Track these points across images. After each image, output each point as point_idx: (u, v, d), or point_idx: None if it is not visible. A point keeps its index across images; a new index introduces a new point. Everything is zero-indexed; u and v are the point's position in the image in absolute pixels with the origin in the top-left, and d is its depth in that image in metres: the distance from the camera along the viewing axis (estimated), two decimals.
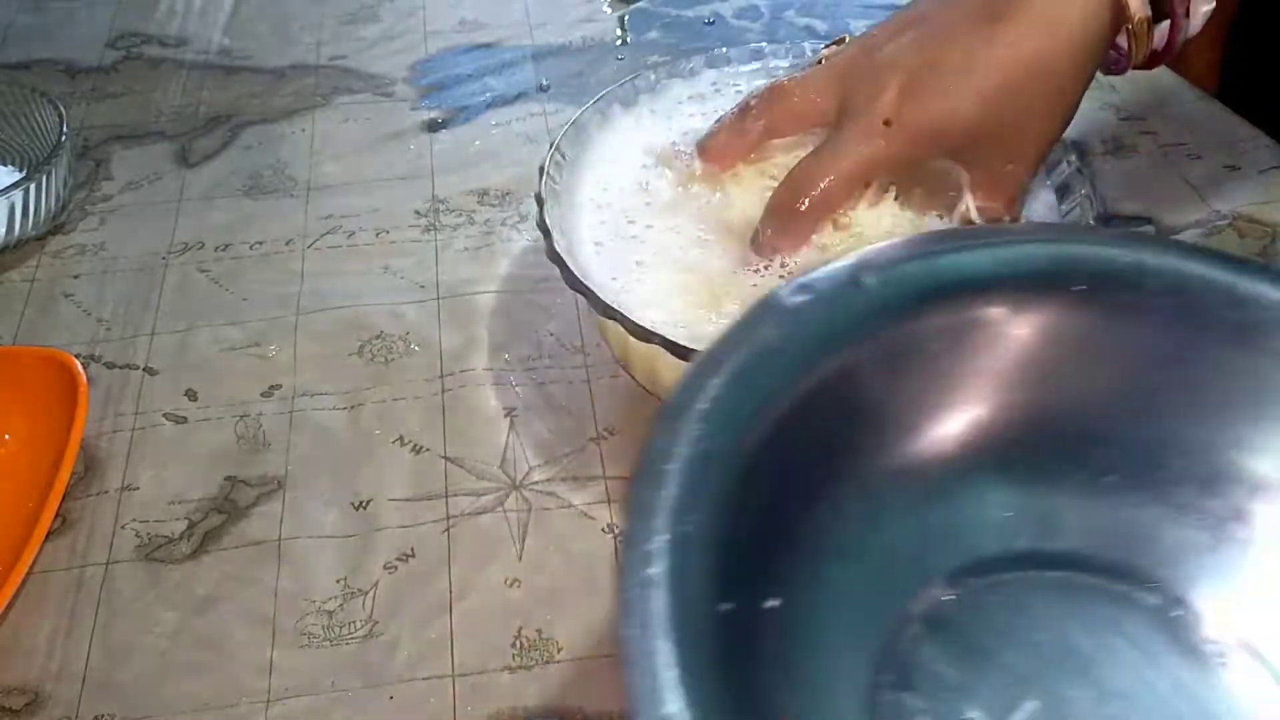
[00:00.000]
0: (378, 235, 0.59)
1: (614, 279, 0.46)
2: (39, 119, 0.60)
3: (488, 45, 0.73)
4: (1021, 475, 0.34)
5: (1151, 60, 0.44)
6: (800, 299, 0.30)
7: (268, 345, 0.53)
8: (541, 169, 0.47)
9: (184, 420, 0.50)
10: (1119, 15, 0.42)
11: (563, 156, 0.49)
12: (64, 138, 0.57)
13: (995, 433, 0.33)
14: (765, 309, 0.30)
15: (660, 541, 0.25)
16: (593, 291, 0.42)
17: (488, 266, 0.57)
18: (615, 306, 0.42)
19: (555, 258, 0.43)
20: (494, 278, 0.56)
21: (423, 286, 0.56)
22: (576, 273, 0.43)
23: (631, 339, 0.42)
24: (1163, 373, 0.32)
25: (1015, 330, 0.32)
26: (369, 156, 0.64)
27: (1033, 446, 0.33)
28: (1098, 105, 0.65)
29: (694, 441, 0.27)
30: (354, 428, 0.49)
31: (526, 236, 0.58)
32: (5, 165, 0.61)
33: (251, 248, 0.59)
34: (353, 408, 0.50)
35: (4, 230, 0.56)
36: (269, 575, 0.44)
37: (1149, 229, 0.57)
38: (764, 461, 0.28)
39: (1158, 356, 0.32)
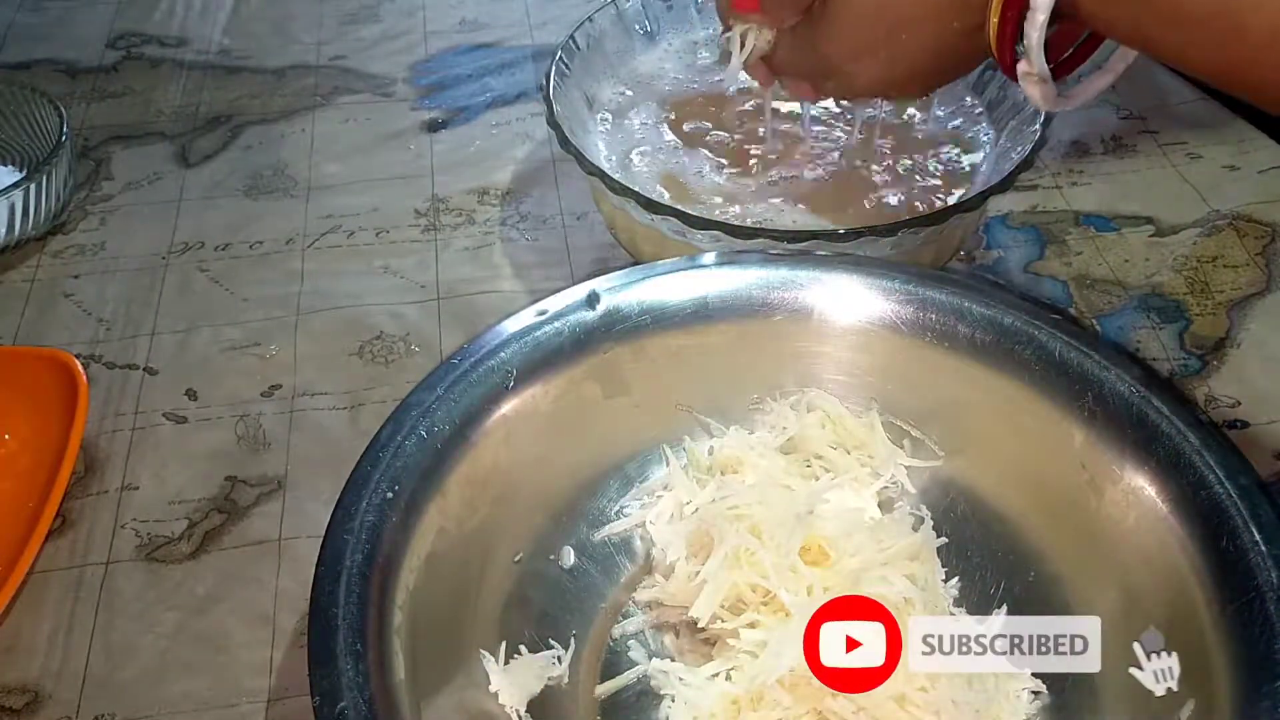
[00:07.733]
0: (377, 235, 0.59)
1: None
2: (39, 119, 0.60)
3: (488, 45, 0.73)
4: None
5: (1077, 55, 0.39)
6: None
7: (268, 345, 0.53)
8: (548, 75, 0.52)
9: (184, 420, 0.50)
10: None
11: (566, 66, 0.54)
12: (64, 138, 0.57)
13: None
14: None
15: None
16: (604, 173, 0.48)
17: (488, 266, 0.57)
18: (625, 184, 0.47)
19: (568, 145, 0.49)
20: (494, 277, 0.56)
21: (423, 286, 0.56)
22: (587, 156, 0.48)
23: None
24: None
25: None
26: (369, 156, 0.64)
27: None
28: (1098, 103, 0.65)
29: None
30: (354, 428, 0.49)
31: (527, 235, 0.58)
32: (5, 165, 0.61)
33: (251, 248, 0.59)
34: (353, 408, 0.50)
35: (4, 230, 0.56)
36: (269, 575, 0.44)
37: (1148, 229, 0.57)
38: None
39: None
